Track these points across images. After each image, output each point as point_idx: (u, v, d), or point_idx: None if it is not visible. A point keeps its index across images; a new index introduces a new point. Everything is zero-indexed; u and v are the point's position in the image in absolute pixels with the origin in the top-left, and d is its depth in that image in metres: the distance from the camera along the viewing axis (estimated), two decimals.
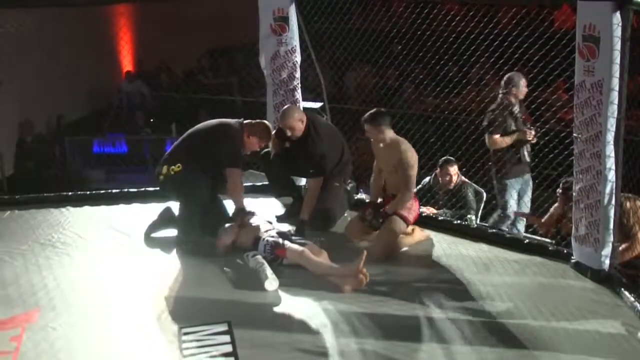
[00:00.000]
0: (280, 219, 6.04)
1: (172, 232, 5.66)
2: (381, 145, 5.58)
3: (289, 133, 5.76)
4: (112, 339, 4.22)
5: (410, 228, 5.64)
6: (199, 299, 4.77)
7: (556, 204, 5.87)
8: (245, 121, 5.61)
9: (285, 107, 5.97)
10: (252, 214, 5.75)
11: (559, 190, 5.75)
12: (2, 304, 4.65)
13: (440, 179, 6.65)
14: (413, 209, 5.60)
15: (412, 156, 5.49)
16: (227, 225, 5.53)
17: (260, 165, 6.33)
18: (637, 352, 4.06)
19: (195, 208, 5.47)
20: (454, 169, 6.62)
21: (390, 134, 5.54)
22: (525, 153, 6.52)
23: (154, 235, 5.69)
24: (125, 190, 6.63)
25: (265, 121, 5.77)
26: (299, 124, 5.73)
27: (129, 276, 5.13)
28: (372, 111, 5.58)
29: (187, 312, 4.55)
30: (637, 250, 5.17)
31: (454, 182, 6.62)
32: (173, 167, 5.46)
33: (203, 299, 4.76)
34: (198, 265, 5.28)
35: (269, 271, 4.89)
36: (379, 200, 5.74)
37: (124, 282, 5.04)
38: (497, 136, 6.45)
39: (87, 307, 4.62)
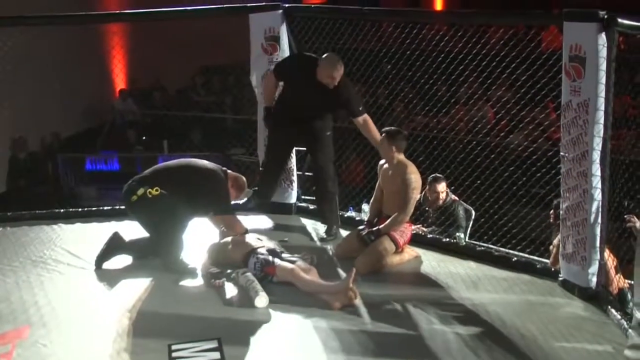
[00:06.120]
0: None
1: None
2: (387, 165, 5.66)
3: (325, 80, 5.79)
4: (102, 356, 4.22)
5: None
6: (189, 315, 4.78)
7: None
8: (228, 171, 5.66)
9: (331, 55, 5.94)
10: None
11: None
12: None
13: (428, 196, 6.64)
14: (406, 232, 5.64)
15: (416, 179, 5.55)
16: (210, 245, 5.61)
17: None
18: None
19: (176, 228, 5.40)
20: (441, 187, 6.55)
21: (400, 156, 5.63)
22: None
23: (105, 265, 5.53)
24: (117, 207, 6.63)
25: (243, 177, 5.76)
26: (338, 76, 5.77)
27: (120, 293, 5.14)
28: (394, 128, 5.76)
29: (177, 328, 4.56)
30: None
31: (442, 199, 6.56)
32: (151, 190, 5.35)
33: (193, 315, 4.78)
34: (188, 282, 5.30)
35: (259, 288, 4.91)
36: (375, 220, 5.77)
37: (114, 299, 5.05)
38: None
39: (77, 324, 4.64)
